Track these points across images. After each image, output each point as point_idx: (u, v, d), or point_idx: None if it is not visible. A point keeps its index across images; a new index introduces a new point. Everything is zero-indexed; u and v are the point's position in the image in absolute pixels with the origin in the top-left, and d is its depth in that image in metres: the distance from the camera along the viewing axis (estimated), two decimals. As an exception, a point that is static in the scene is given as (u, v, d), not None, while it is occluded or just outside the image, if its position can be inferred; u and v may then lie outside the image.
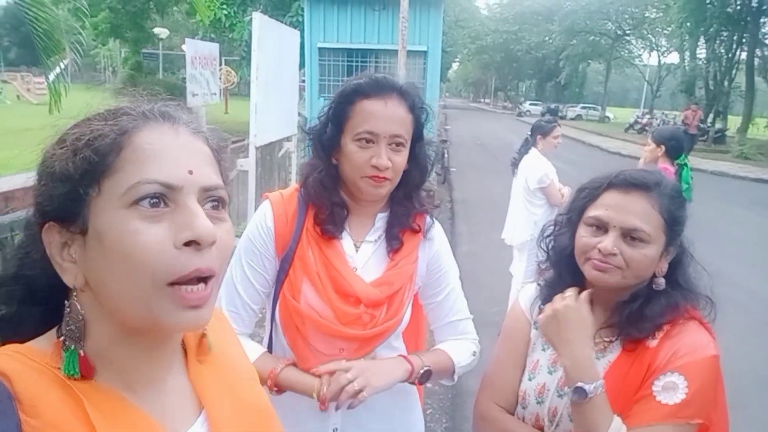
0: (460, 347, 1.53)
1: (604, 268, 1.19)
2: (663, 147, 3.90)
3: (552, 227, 1.38)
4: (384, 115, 1.30)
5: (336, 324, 1.33)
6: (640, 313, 1.19)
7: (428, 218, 1.48)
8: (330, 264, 1.36)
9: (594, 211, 1.23)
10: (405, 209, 1.43)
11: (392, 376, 1.34)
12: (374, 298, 1.36)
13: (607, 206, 1.21)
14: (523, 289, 1.47)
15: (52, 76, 7.63)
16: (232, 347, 0.85)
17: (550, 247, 1.37)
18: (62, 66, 8.04)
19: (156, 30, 23.52)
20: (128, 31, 21.21)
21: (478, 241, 7.53)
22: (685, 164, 4.01)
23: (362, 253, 1.41)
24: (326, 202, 1.38)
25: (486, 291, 5.53)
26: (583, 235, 1.24)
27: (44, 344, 0.66)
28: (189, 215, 0.62)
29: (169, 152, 0.64)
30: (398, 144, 1.32)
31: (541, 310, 1.33)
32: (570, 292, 1.22)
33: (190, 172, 0.64)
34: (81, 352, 0.64)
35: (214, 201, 0.67)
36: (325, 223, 1.38)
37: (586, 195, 1.28)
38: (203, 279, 0.63)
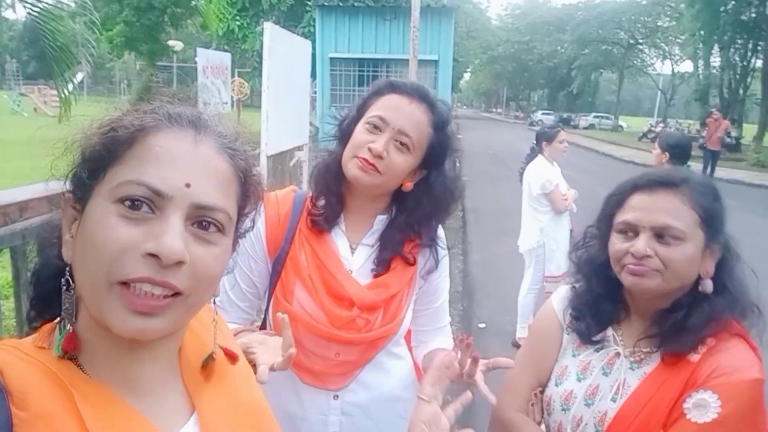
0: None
1: (641, 271, 1.13)
2: (667, 153, 3.88)
3: (582, 239, 1.35)
4: (401, 109, 1.26)
5: (329, 327, 1.29)
6: (682, 325, 1.13)
7: (432, 258, 1.40)
8: (322, 265, 1.33)
9: (622, 216, 1.19)
10: (400, 236, 1.37)
11: None
12: (369, 301, 1.32)
13: (635, 209, 1.17)
14: (556, 291, 1.42)
15: (65, 90, 7.77)
16: (236, 363, 0.84)
17: (582, 259, 1.32)
18: (78, 79, 8.18)
19: (170, 43, 23.82)
20: (143, 44, 21.50)
21: (490, 249, 7.49)
22: None
23: (358, 255, 1.38)
24: (324, 190, 1.35)
25: (498, 299, 5.49)
26: (615, 242, 1.19)
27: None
28: (163, 228, 0.60)
29: (175, 159, 0.63)
30: (403, 144, 1.26)
31: (572, 316, 1.30)
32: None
33: (188, 185, 0.62)
34: (70, 327, 0.64)
35: (207, 221, 0.64)
36: (317, 214, 1.35)
37: (613, 202, 1.24)
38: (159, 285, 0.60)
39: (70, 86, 8.01)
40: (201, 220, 0.63)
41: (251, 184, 0.72)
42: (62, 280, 0.65)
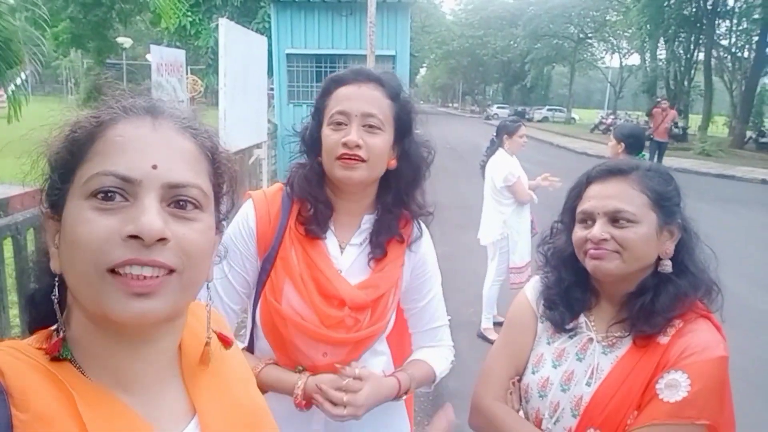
0: (439, 356, 1.52)
1: (599, 255, 1.20)
2: (623, 144, 4.04)
3: (549, 234, 1.40)
4: (356, 95, 1.28)
5: (319, 327, 1.29)
6: (651, 307, 1.19)
7: (416, 229, 1.44)
8: (314, 265, 1.32)
9: (581, 207, 1.26)
10: (394, 216, 1.39)
11: (381, 397, 1.32)
12: (359, 301, 1.32)
13: (591, 198, 1.25)
14: (530, 281, 1.46)
15: (11, 88, 7.43)
16: (230, 349, 0.83)
17: (549, 252, 1.38)
18: (22, 77, 7.84)
19: (119, 39, 23.11)
20: (90, 41, 20.80)
21: (451, 243, 7.57)
22: None
23: (347, 255, 1.38)
24: (310, 199, 1.34)
25: (461, 292, 5.55)
26: (577, 231, 1.26)
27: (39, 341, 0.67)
28: (139, 210, 0.61)
29: (137, 145, 0.64)
30: (372, 126, 1.27)
31: (545, 306, 1.34)
32: None
33: (154, 167, 0.62)
34: (62, 335, 0.64)
35: (183, 200, 0.64)
36: (308, 222, 1.34)
37: (573, 195, 1.31)
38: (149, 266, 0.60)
39: (12, 86, 7.66)
40: (176, 199, 0.64)
41: (221, 163, 0.73)
42: (53, 291, 0.65)
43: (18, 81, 7.75)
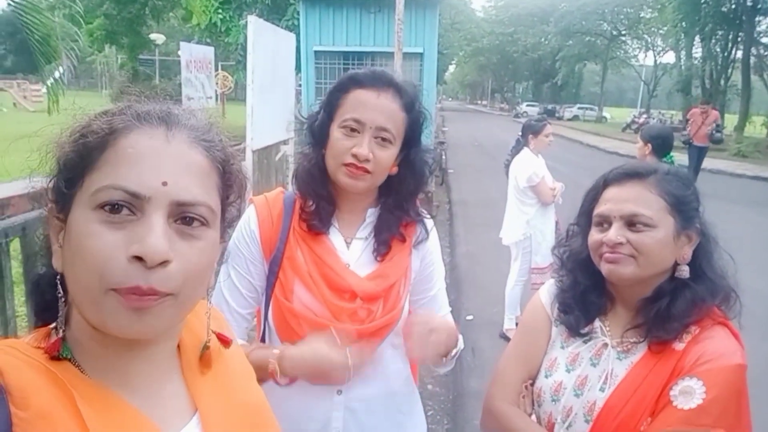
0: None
1: (615, 259, 1.19)
2: (650, 145, 3.94)
3: (564, 236, 1.39)
4: (374, 105, 1.27)
5: (332, 320, 1.30)
6: (667, 312, 1.17)
7: (421, 230, 1.45)
8: (321, 261, 1.33)
9: (598, 209, 1.25)
10: (394, 218, 1.40)
11: (448, 346, 1.31)
12: (370, 292, 1.33)
13: (607, 201, 1.23)
14: (544, 285, 1.45)
15: (49, 83, 7.67)
16: (230, 347, 0.84)
17: (565, 255, 1.36)
18: (59, 72, 8.07)
19: (152, 36, 23.57)
20: (124, 37, 21.26)
21: (476, 242, 7.53)
22: (671, 163, 4.02)
23: (354, 250, 1.39)
24: (312, 194, 1.35)
25: (485, 291, 5.53)
26: (593, 234, 1.25)
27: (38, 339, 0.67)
28: (145, 229, 0.60)
29: (148, 159, 0.63)
30: (384, 139, 1.28)
31: (560, 310, 1.33)
32: None
33: (164, 184, 0.62)
34: (61, 333, 0.65)
35: (190, 217, 0.64)
36: (311, 218, 1.35)
37: (590, 197, 1.30)
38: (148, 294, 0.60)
39: (50, 81, 7.90)
40: (183, 215, 0.64)
41: (232, 174, 0.73)
42: (56, 287, 0.66)
43: (56, 75, 7.99)
